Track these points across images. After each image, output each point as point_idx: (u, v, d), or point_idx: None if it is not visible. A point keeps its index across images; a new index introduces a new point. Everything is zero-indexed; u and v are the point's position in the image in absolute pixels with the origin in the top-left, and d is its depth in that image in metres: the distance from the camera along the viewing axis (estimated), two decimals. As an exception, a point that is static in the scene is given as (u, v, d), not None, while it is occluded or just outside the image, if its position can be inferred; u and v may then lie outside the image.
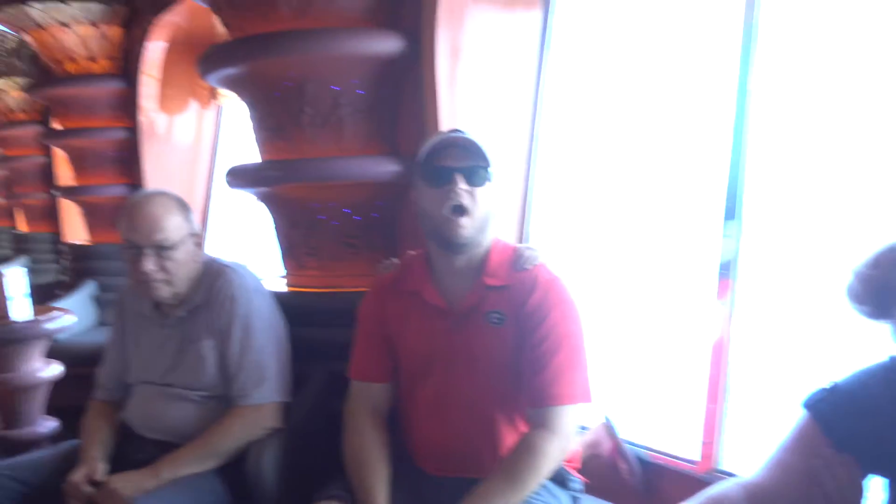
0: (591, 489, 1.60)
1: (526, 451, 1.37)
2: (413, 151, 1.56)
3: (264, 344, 1.79)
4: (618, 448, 1.83)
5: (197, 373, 1.77)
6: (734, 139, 1.77)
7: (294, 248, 2.30)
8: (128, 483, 1.61)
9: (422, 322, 1.51)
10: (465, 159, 1.41)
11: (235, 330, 1.76)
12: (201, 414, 1.76)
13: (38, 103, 5.36)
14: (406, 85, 2.18)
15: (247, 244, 4.08)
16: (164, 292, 1.74)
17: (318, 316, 2.06)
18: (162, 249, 1.70)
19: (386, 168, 2.12)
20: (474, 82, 2.18)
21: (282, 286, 2.34)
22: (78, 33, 3.74)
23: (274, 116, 2.17)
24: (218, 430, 1.72)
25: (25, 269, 3.09)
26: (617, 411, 1.91)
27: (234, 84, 2.27)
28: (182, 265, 1.75)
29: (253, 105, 2.25)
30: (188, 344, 1.78)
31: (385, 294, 1.59)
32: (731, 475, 1.66)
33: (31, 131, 5.44)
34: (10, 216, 7.09)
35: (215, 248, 1.96)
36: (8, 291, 2.83)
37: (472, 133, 1.44)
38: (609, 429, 1.86)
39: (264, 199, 2.32)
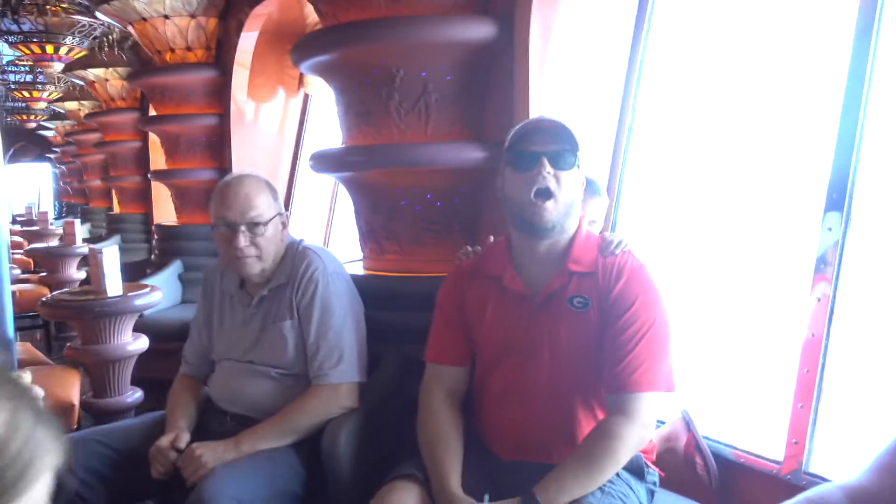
0: (666, 483, 1.55)
1: (603, 436, 1.34)
2: (499, 137, 1.54)
3: (342, 326, 1.81)
4: (694, 443, 1.76)
5: (277, 351, 1.81)
6: (843, 130, 1.65)
7: (374, 232, 2.31)
8: (210, 452, 1.65)
9: (501, 308, 1.50)
10: (552, 143, 1.39)
11: (315, 311, 1.78)
12: (281, 391, 1.79)
13: (136, 91, 5.64)
14: (495, 71, 2.15)
15: (328, 228, 4.16)
16: (255, 269, 1.79)
17: (396, 300, 2.07)
18: (254, 226, 1.75)
19: (470, 154, 2.10)
20: (566, 68, 2.13)
21: (360, 270, 2.36)
22: (177, 24, 3.89)
23: (362, 102, 2.19)
24: (296, 407, 1.74)
25: (118, 248, 3.23)
26: (697, 405, 1.84)
27: (325, 71, 2.30)
28: (272, 243, 1.80)
29: (342, 91, 2.27)
30: (270, 323, 1.82)
31: (464, 280, 1.58)
32: (821, 478, 1.56)
33: (128, 118, 5.73)
34: (107, 198, 7.49)
35: (298, 232, 1.99)
36: (105, 269, 2.97)
37: (559, 118, 1.42)
38: (686, 423, 1.79)
39: (347, 183, 2.34)
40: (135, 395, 3.14)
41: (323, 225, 4.21)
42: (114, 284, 2.97)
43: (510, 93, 2.10)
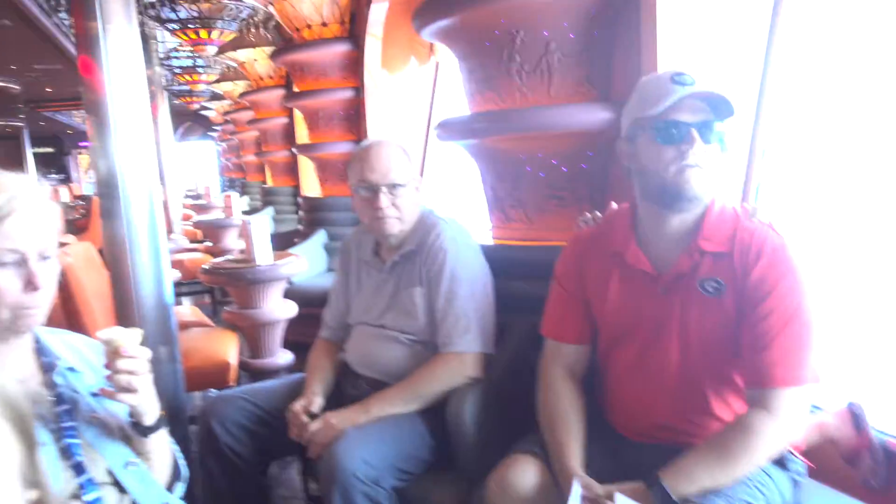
0: (814, 473, 1.43)
1: (742, 431, 1.24)
2: (627, 97, 1.43)
3: (470, 296, 1.81)
4: (865, 439, 1.58)
5: (407, 317, 1.86)
6: None
7: (500, 201, 2.29)
8: (341, 417, 1.74)
9: (624, 286, 1.42)
10: (702, 112, 1.27)
11: (444, 280, 1.81)
12: (410, 356, 1.85)
13: (282, 69, 5.94)
14: (621, 25, 2.02)
15: (458, 197, 4.19)
16: (396, 228, 1.86)
17: (522, 269, 2.03)
18: (394, 188, 1.83)
19: (597, 116, 1.99)
20: (699, 21, 1.95)
21: (487, 239, 2.35)
22: (312, 1, 4.02)
23: (483, 67, 2.15)
24: (424, 373, 1.79)
25: (270, 218, 3.46)
26: (863, 396, 1.66)
27: (445, 36, 2.28)
28: (410, 205, 1.87)
29: (463, 57, 2.25)
30: (401, 289, 1.88)
31: (584, 252, 1.51)
32: None
33: (276, 95, 6.05)
34: (261, 172, 8.03)
35: (430, 201, 2.03)
36: (254, 239, 3.19)
37: (710, 82, 1.27)
38: (855, 417, 1.61)
39: (473, 151, 2.33)
40: (286, 356, 3.37)
41: (455, 194, 4.24)
42: (263, 253, 3.18)
43: (637, 48, 1.97)
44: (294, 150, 5.16)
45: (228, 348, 2.91)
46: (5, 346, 1.11)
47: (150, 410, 1.18)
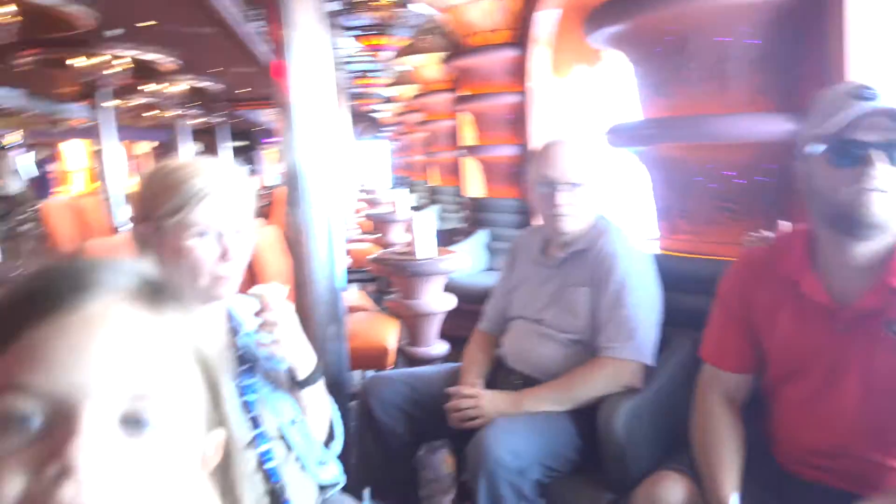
0: None
1: None
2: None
3: (638, 304, 1.80)
4: None
5: (568, 315, 1.88)
6: None
7: (668, 210, 2.25)
8: (491, 402, 1.81)
9: (796, 317, 1.31)
10: (888, 131, 1.12)
11: (613, 283, 1.81)
12: (566, 356, 1.87)
13: (451, 73, 6.14)
14: (806, 32, 1.90)
15: (625, 205, 4.10)
16: (571, 227, 1.91)
17: (688, 282, 1.98)
18: (574, 187, 1.87)
19: (777, 126, 1.88)
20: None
21: (654, 248, 2.32)
22: (482, 8, 4.13)
23: (655, 73, 2.13)
24: (579, 375, 1.80)
25: (435, 216, 3.61)
26: None
27: (617, 42, 2.27)
28: (588, 206, 1.91)
29: (635, 62, 2.23)
30: (565, 287, 1.91)
31: (753, 275, 1.40)
32: None
33: (444, 98, 6.27)
34: (427, 171, 8.34)
35: (604, 208, 2.05)
36: (418, 233, 3.36)
37: None
38: None
39: (643, 157, 2.30)
40: (442, 347, 3.51)
41: (622, 202, 4.16)
42: (425, 247, 3.33)
43: (824, 58, 1.84)
44: (460, 152, 5.31)
45: (389, 334, 3.10)
46: (203, 310, 1.27)
47: (301, 365, 1.29)
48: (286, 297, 1.27)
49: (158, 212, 1.18)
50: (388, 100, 10.19)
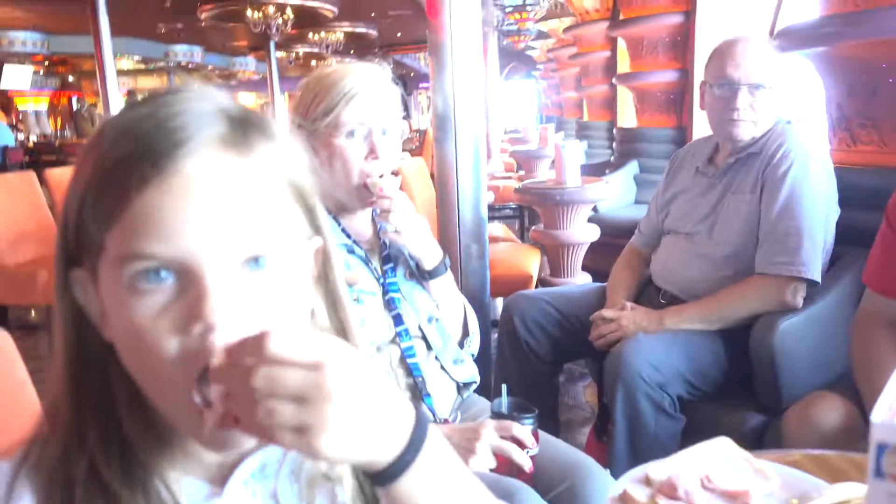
0: None
1: None
2: None
3: (809, 215, 1.62)
4: None
5: (728, 226, 1.74)
6: None
7: (846, 120, 1.98)
8: (631, 320, 1.73)
9: None
10: None
11: (783, 191, 1.64)
12: (717, 276, 1.73)
13: (608, 2, 5.84)
14: None
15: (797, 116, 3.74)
16: (748, 134, 1.75)
17: (864, 197, 1.75)
18: (757, 89, 1.71)
19: None
20: None
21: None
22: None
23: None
24: (731, 293, 1.67)
25: (582, 148, 3.49)
26: None
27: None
28: (768, 111, 1.74)
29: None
30: (729, 194, 1.77)
31: None
32: None
33: (599, 28, 5.99)
34: (578, 108, 8.10)
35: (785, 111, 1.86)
36: (565, 161, 3.26)
37: None
38: None
39: (818, 62, 2.04)
40: (584, 278, 3.42)
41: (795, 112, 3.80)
42: (572, 176, 3.24)
43: None
44: (615, 80, 5.09)
45: (531, 262, 3.08)
46: (355, 214, 1.31)
47: (426, 255, 1.29)
48: (400, 187, 1.27)
49: (312, 115, 1.22)
50: (541, 35, 9.93)
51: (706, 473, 0.72)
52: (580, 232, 3.30)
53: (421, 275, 1.32)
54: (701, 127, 3.95)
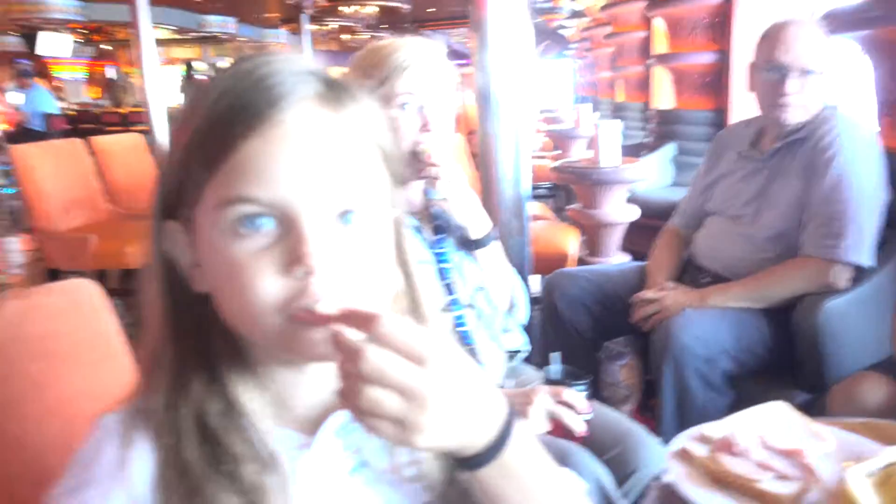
0: None
1: None
2: None
3: (857, 199, 1.64)
4: None
5: (772, 210, 1.76)
6: None
7: (893, 104, 1.98)
8: (675, 300, 1.76)
9: None
10: None
11: (830, 175, 1.65)
12: (762, 257, 1.76)
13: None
14: None
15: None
16: (796, 118, 1.75)
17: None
18: (807, 73, 1.71)
19: None
20: None
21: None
22: None
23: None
24: (775, 273, 1.69)
25: (619, 127, 3.48)
26: None
27: None
28: (817, 95, 1.74)
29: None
30: (775, 179, 1.78)
31: None
32: None
33: (636, 7, 5.90)
34: (612, 89, 8.02)
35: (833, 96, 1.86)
36: (602, 141, 3.27)
37: None
38: None
39: (865, 44, 2.03)
40: (622, 258, 3.44)
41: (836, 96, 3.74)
42: (609, 155, 3.25)
43: None
44: (650, 61, 5.04)
45: (569, 241, 3.11)
46: (407, 185, 1.33)
47: (473, 224, 1.32)
48: (450, 155, 1.30)
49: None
50: (575, 14, 9.80)
51: (762, 433, 0.76)
52: (618, 212, 3.32)
53: (469, 244, 1.35)
54: (739, 109, 3.92)
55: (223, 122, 0.51)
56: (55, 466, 0.76)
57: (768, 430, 0.79)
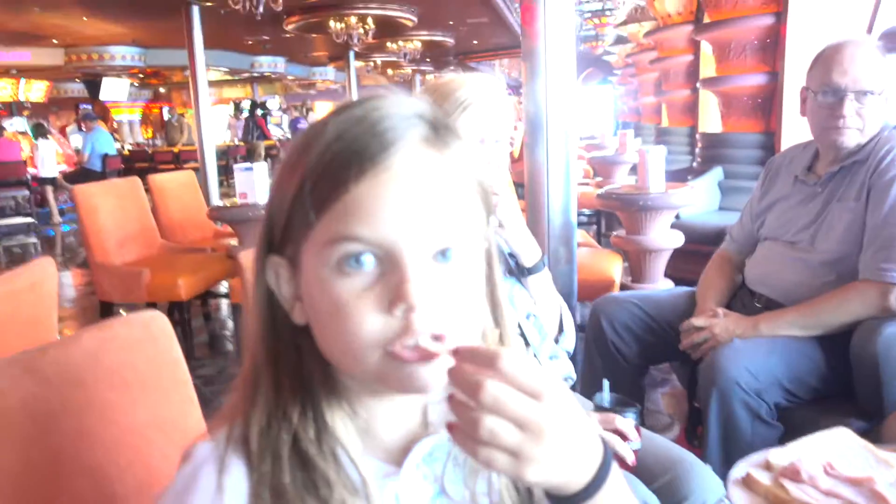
0: None
1: None
2: None
3: None
4: None
5: (830, 234, 1.71)
6: None
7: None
8: (725, 328, 1.72)
9: None
10: None
11: (891, 195, 1.61)
12: (819, 281, 1.70)
13: (692, 5, 5.74)
14: None
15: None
16: (853, 141, 1.71)
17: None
18: (864, 95, 1.66)
19: None
20: None
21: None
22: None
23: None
24: (831, 299, 1.65)
25: (664, 153, 3.46)
26: None
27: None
28: (875, 117, 1.69)
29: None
30: (833, 202, 1.73)
31: None
32: None
33: (682, 32, 5.90)
34: (656, 114, 7.98)
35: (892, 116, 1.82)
36: (649, 166, 3.25)
37: None
38: None
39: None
40: (667, 285, 3.39)
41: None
42: (656, 181, 3.22)
43: None
44: (699, 85, 5.01)
45: (613, 267, 3.08)
46: None
47: (526, 251, 1.33)
48: (505, 184, 1.31)
49: None
50: (619, 40, 9.83)
51: (828, 460, 0.75)
52: (663, 238, 3.28)
53: (520, 271, 1.36)
54: (790, 132, 3.85)
55: (337, 165, 0.53)
56: (126, 496, 0.81)
57: (834, 457, 0.77)
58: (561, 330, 1.43)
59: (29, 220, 8.93)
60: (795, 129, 3.46)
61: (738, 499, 0.72)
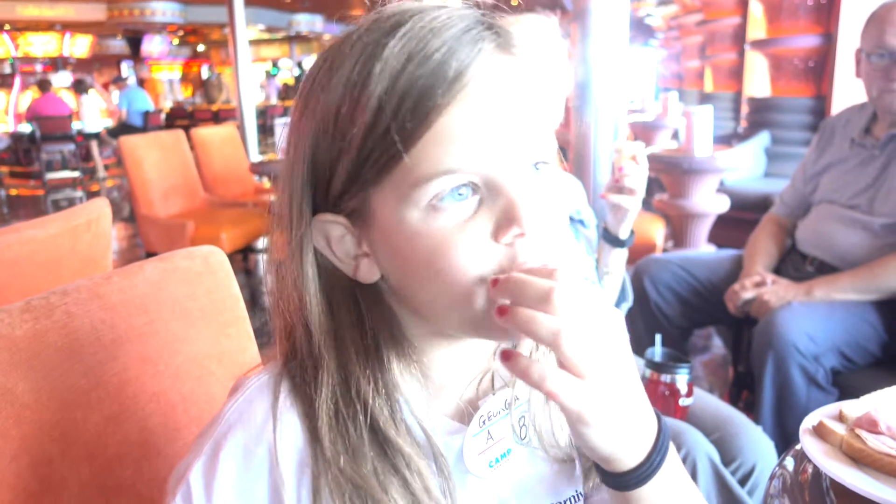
0: None
1: None
2: None
3: None
4: None
5: (889, 198, 1.67)
6: None
7: None
8: (776, 295, 1.69)
9: None
10: None
11: None
12: (876, 246, 1.67)
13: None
14: None
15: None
16: None
17: None
18: None
19: None
20: None
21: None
22: None
23: None
24: (889, 262, 1.60)
25: (711, 113, 3.37)
26: None
27: None
28: None
29: None
30: (891, 166, 1.69)
31: None
32: None
33: (731, -8, 5.70)
34: (700, 78, 7.76)
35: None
36: (695, 129, 3.16)
37: None
38: None
39: None
40: (710, 250, 3.34)
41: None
42: (702, 144, 3.14)
43: None
44: (747, 47, 4.85)
45: (656, 231, 3.04)
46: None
47: (627, 226, 1.31)
48: (643, 155, 1.26)
49: None
50: (662, 2, 9.53)
51: (905, 412, 0.73)
52: (708, 202, 3.21)
53: (612, 241, 1.33)
54: (843, 97, 3.72)
55: (407, 106, 0.47)
56: (188, 425, 0.83)
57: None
58: (625, 298, 1.42)
59: (76, 174, 9.13)
60: (848, 94, 3.34)
61: (813, 448, 0.71)
